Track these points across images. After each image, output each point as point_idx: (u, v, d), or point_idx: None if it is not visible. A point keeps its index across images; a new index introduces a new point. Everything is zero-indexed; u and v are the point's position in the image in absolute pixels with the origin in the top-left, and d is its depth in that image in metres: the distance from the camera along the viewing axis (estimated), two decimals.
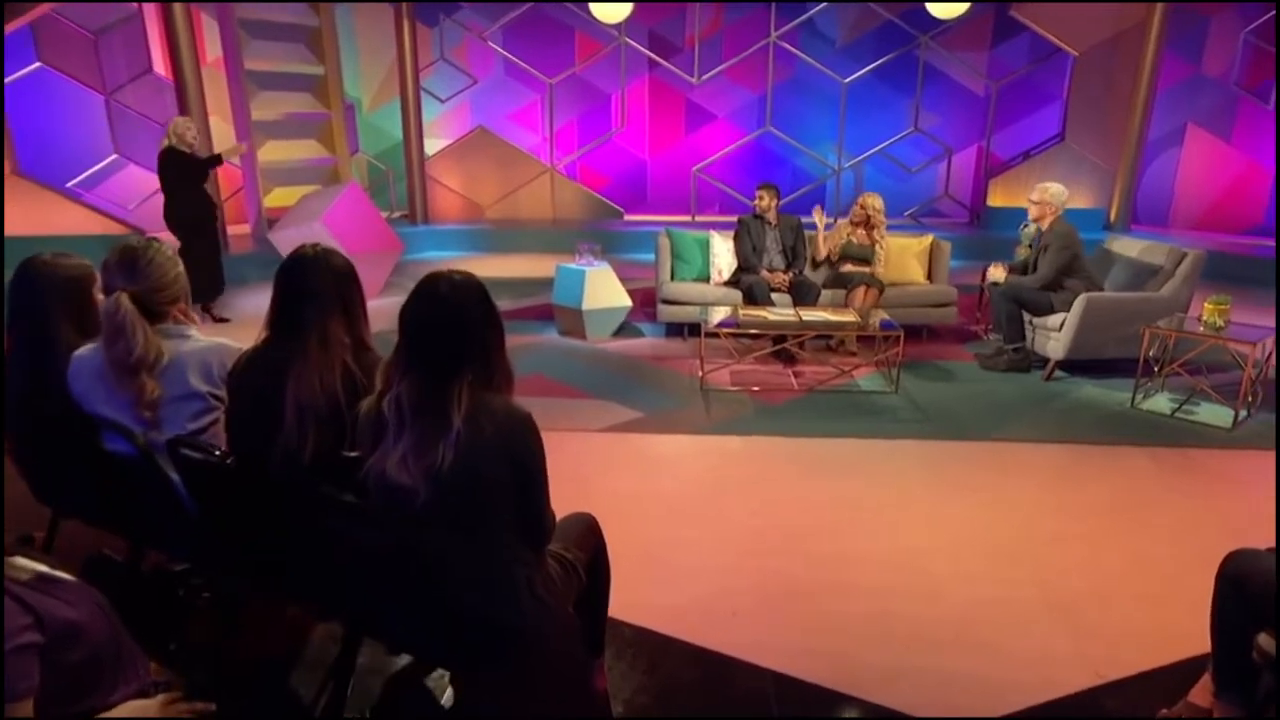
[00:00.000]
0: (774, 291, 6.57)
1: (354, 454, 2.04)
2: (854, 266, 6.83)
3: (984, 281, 6.73)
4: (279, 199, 9.51)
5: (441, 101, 12.18)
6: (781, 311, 6.14)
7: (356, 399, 2.12)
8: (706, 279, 7.03)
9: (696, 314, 6.31)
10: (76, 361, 2.45)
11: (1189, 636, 2.75)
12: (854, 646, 2.92)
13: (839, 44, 12.03)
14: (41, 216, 8.29)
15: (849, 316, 6.03)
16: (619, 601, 2.58)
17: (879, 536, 3.69)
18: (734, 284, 6.85)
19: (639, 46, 11.96)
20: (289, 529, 2.20)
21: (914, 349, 6.40)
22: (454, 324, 1.94)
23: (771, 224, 6.89)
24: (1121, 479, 4.31)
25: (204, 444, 2.30)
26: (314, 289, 2.27)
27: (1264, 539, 2.46)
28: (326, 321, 2.26)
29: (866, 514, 3.90)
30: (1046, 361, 5.95)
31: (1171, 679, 2.68)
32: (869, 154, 12.28)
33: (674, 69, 12.00)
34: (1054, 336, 5.84)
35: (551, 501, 2.10)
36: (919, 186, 12.43)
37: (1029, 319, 6.09)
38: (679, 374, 5.99)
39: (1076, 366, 5.95)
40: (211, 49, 10.23)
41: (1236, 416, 5.01)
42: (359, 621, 2.28)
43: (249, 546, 2.39)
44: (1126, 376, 5.58)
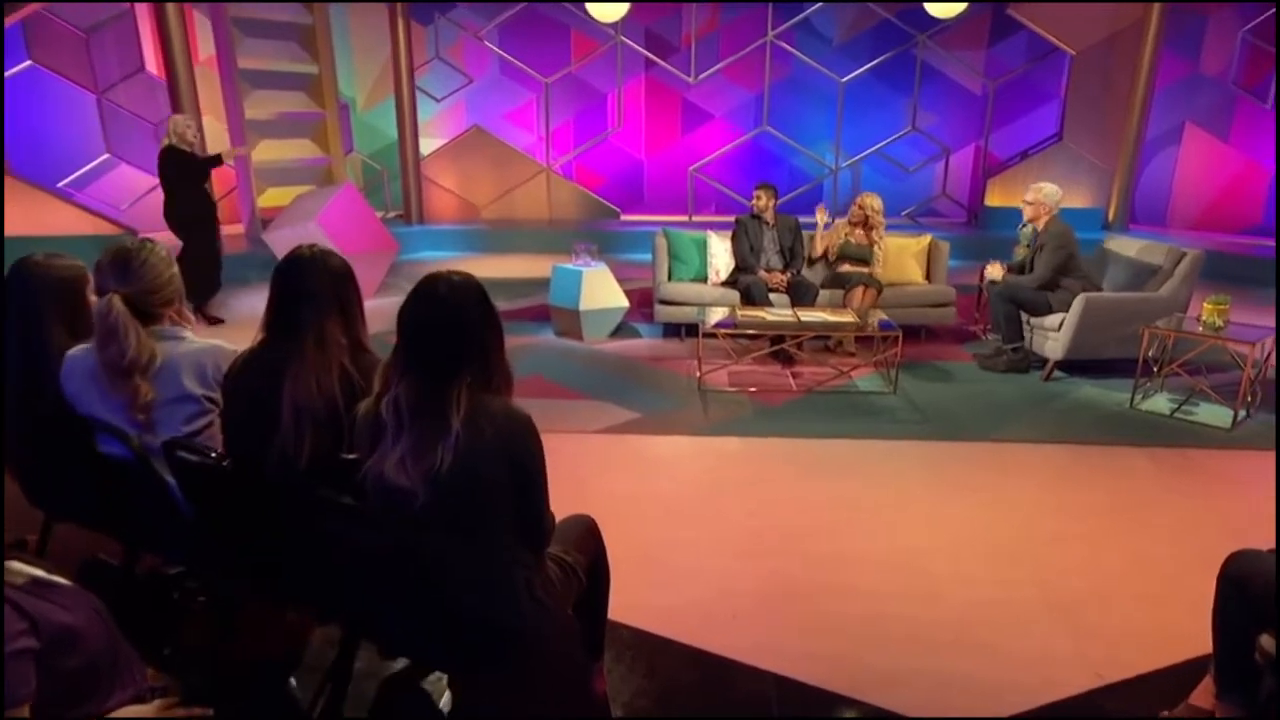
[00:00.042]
0: (772, 292, 6.54)
1: (352, 456, 2.03)
2: (852, 267, 6.81)
3: (982, 281, 6.73)
4: (273, 199, 9.48)
5: (437, 101, 12.15)
6: (779, 312, 6.12)
7: (354, 401, 2.11)
8: (704, 279, 7.01)
9: (694, 314, 6.30)
10: (69, 362, 2.43)
11: (1190, 637, 2.74)
12: (853, 648, 2.91)
13: (836, 43, 12.02)
14: (33, 216, 8.22)
15: (847, 317, 6.01)
16: (617, 603, 2.56)
17: (878, 537, 3.68)
18: (731, 284, 6.83)
19: (635, 45, 11.93)
20: (286, 532, 2.18)
21: (912, 349, 6.40)
22: (453, 325, 1.92)
23: (769, 224, 6.87)
24: (1121, 479, 4.31)
25: (200, 446, 2.28)
26: (311, 290, 2.24)
27: (1264, 539, 2.45)
28: (323, 323, 2.24)
29: (865, 515, 3.89)
30: (1045, 362, 5.94)
31: (1172, 680, 2.68)
32: (866, 153, 12.26)
33: (670, 68, 11.97)
34: (1052, 336, 5.83)
35: (550, 503, 2.09)
36: (916, 186, 12.42)
37: (1027, 319, 6.09)
38: (676, 375, 5.98)
39: (1075, 367, 5.94)
40: (204, 47, 10.19)
41: (1236, 417, 5.01)
42: (357, 624, 2.26)
43: (245, 549, 2.36)
44: (1125, 377, 5.57)
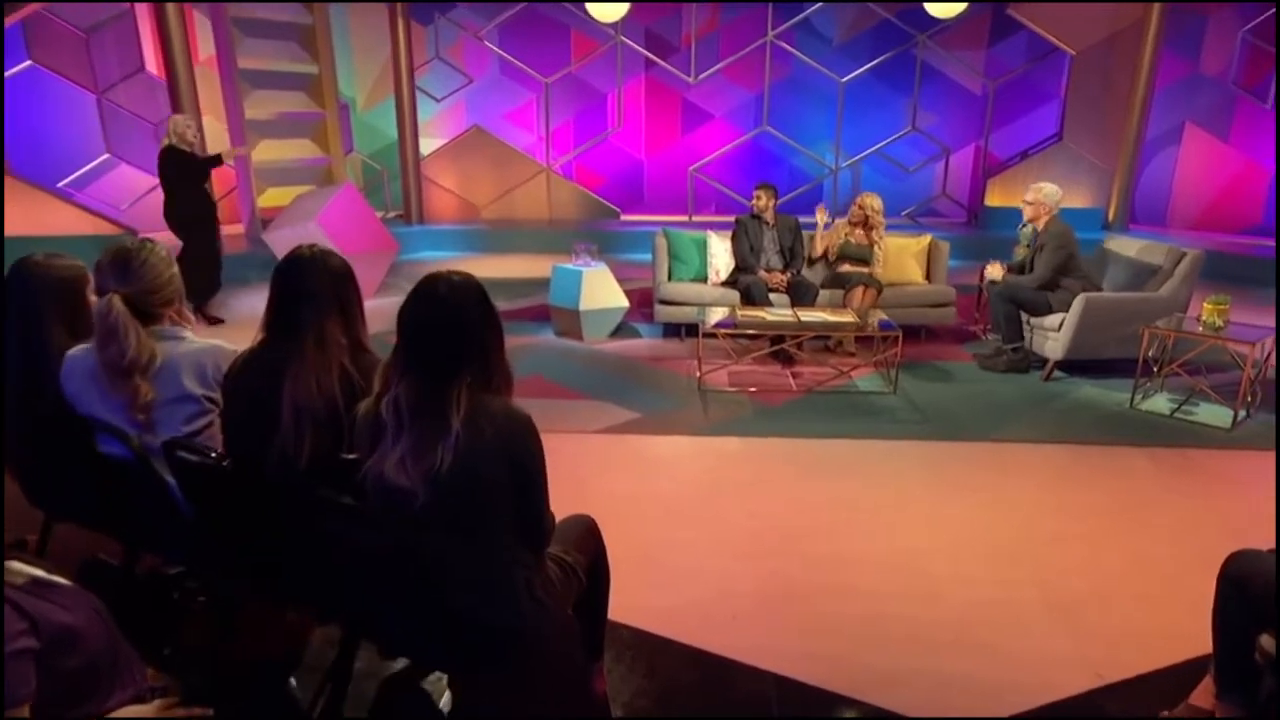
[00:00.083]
0: (772, 292, 6.54)
1: (352, 456, 2.03)
2: (852, 267, 6.81)
3: (982, 281, 6.72)
4: (273, 199, 9.47)
5: (437, 101, 12.14)
6: (779, 312, 6.12)
7: (354, 401, 2.10)
8: (704, 279, 7.01)
9: (694, 314, 6.30)
10: (69, 362, 2.43)
11: (1190, 638, 2.74)
12: (853, 648, 2.91)
13: (836, 43, 12.02)
14: (32, 216, 8.21)
15: (847, 317, 6.01)
16: (617, 603, 2.55)
17: (878, 538, 3.68)
18: (731, 284, 6.83)
19: (635, 45, 11.93)
20: (286, 532, 2.18)
21: (912, 349, 6.39)
22: (453, 325, 1.92)
23: (769, 224, 6.86)
24: (1121, 479, 4.31)
25: (200, 446, 2.28)
26: (311, 290, 2.24)
27: (1264, 540, 2.45)
28: (323, 323, 2.23)
29: (865, 515, 3.89)
30: (1045, 361, 5.94)
31: (1172, 681, 2.67)
32: (866, 153, 12.26)
33: (670, 68, 11.96)
34: (1052, 336, 5.83)
35: (550, 503, 2.08)
36: (916, 186, 12.41)
37: (1027, 319, 6.08)
38: (676, 375, 5.98)
39: (1075, 367, 5.94)
40: (204, 47, 10.18)
41: (1236, 417, 5.01)
42: (357, 624, 2.26)
43: (245, 550, 2.36)
44: (1125, 377, 5.56)
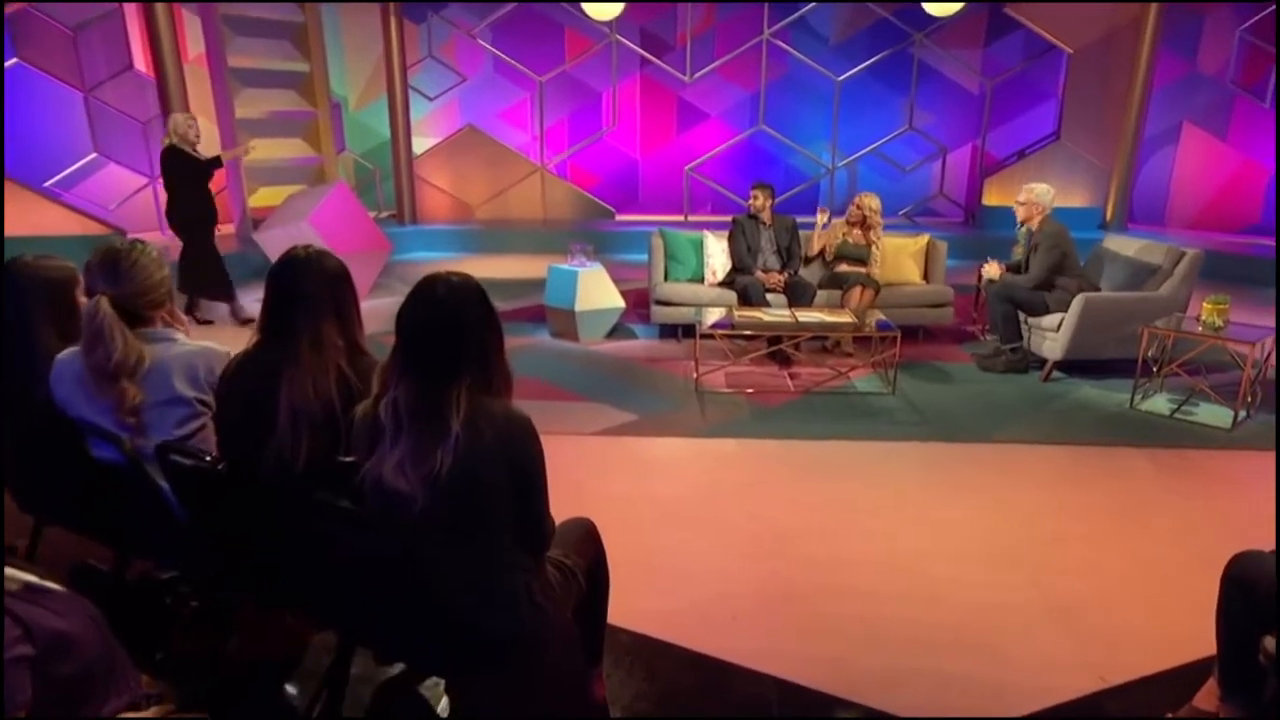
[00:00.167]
0: (769, 292, 6.51)
1: (349, 459, 2.00)
2: (850, 267, 6.78)
3: (980, 281, 6.71)
4: (264, 198, 9.42)
5: (430, 99, 12.08)
6: (777, 312, 6.10)
7: (351, 403, 2.09)
8: (700, 280, 6.96)
9: (691, 315, 6.28)
10: (58, 366, 2.41)
11: (1192, 639, 2.74)
12: (853, 651, 2.90)
13: (832, 41, 11.99)
14: (19, 216, 8.13)
15: (845, 317, 5.99)
16: (615, 607, 2.54)
17: (877, 539, 3.66)
18: (728, 285, 6.78)
19: (630, 44, 11.90)
20: (282, 536, 2.17)
21: (911, 350, 6.38)
22: (452, 327, 1.91)
23: (766, 224, 6.84)
24: (1121, 480, 4.29)
25: (194, 450, 2.27)
26: (305, 292, 2.23)
27: (1265, 540, 2.44)
28: (319, 325, 2.22)
29: (864, 517, 3.87)
30: (1044, 362, 5.91)
31: (1176, 682, 2.67)
32: (863, 153, 12.24)
33: (666, 67, 11.93)
34: (1051, 337, 5.81)
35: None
36: (913, 185, 12.40)
37: (1025, 319, 6.07)
38: (673, 376, 5.95)
39: (1074, 367, 5.92)
40: (194, 45, 10.07)
41: (1236, 417, 4.99)
42: (353, 629, 2.25)
43: (241, 554, 2.35)
44: (1125, 377, 5.54)
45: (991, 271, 6.32)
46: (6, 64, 9.58)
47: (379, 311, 2.18)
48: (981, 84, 11.98)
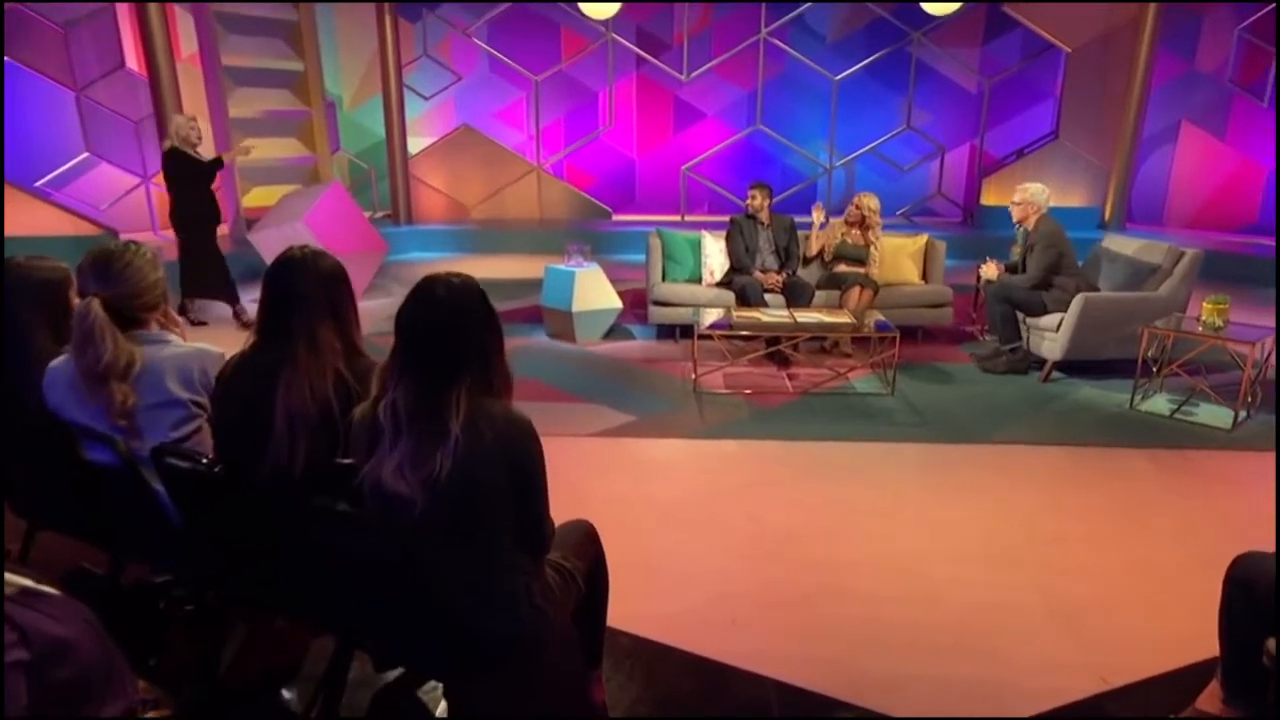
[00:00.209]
0: (767, 292, 6.48)
1: (347, 461, 1.98)
2: (848, 267, 6.76)
3: (978, 281, 6.69)
4: (258, 198, 9.39)
5: (425, 99, 12.04)
6: (775, 313, 6.08)
7: (349, 405, 2.08)
8: (698, 280, 6.93)
9: (688, 315, 6.26)
10: (51, 373, 2.40)
11: (1194, 640, 2.74)
12: (853, 653, 2.88)
13: (830, 40, 11.98)
14: (10, 216, 8.05)
15: (843, 318, 5.97)
16: (614, 610, 2.52)
17: (876, 541, 3.64)
18: (726, 285, 6.75)
19: (627, 43, 11.87)
20: (280, 539, 2.15)
21: (910, 350, 6.36)
22: (451, 328, 1.90)
23: (764, 224, 6.81)
24: (1121, 481, 4.28)
25: (190, 452, 2.24)
26: (302, 293, 2.21)
27: (1265, 541, 2.44)
28: (316, 326, 2.20)
29: (863, 518, 3.85)
30: (1044, 362, 5.90)
31: (1178, 684, 2.66)
32: (860, 152, 12.22)
33: (662, 66, 11.91)
34: (1050, 337, 5.79)
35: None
36: (911, 185, 12.38)
37: (1024, 319, 6.05)
38: (671, 377, 5.92)
39: (1074, 367, 5.90)
40: (187, 44, 10.01)
41: (1236, 417, 4.97)
42: (352, 633, 2.23)
43: (237, 557, 2.33)
44: (1125, 377, 5.52)
45: (989, 271, 6.30)
46: None
47: (374, 312, 2.16)
48: (980, 83, 11.96)
